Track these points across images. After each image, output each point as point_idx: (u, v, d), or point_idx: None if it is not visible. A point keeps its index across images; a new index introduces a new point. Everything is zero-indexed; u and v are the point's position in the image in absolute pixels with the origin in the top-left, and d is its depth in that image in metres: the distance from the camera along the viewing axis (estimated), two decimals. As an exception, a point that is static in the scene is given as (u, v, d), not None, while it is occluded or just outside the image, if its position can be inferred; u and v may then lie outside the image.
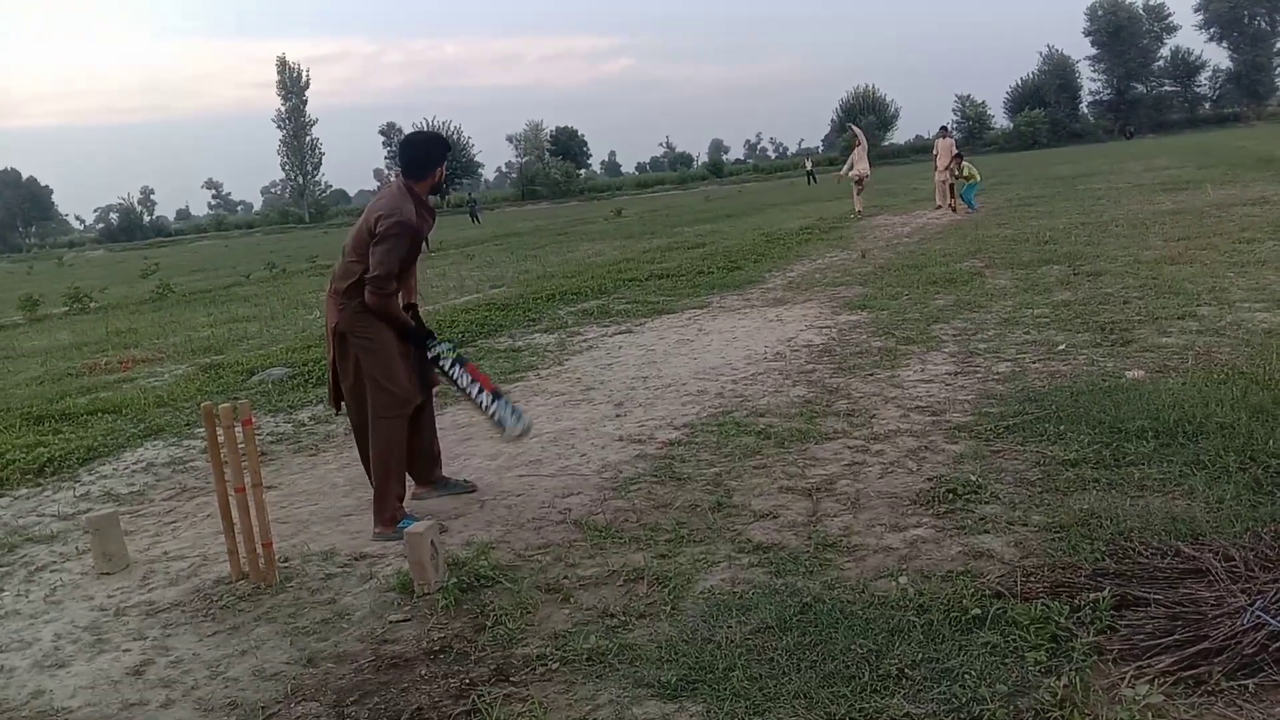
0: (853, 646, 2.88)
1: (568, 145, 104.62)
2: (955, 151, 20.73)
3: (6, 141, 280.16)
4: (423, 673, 3.10)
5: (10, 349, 13.45)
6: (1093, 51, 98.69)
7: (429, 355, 4.68)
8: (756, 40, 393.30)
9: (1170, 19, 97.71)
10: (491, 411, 4.70)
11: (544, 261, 18.98)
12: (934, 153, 21.78)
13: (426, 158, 4.61)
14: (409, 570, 3.73)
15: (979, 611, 2.98)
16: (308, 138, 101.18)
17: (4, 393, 9.36)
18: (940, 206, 20.98)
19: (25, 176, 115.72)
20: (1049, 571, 3.25)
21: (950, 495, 4.05)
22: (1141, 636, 2.75)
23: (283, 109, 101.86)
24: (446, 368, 4.71)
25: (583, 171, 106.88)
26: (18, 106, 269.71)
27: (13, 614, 4.00)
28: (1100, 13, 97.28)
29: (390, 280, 4.37)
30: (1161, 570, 3.10)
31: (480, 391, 4.72)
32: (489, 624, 3.37)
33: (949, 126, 23.78)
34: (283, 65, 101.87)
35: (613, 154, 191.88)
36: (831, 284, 11.28)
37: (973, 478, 4.22)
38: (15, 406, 8.19)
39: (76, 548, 4.70)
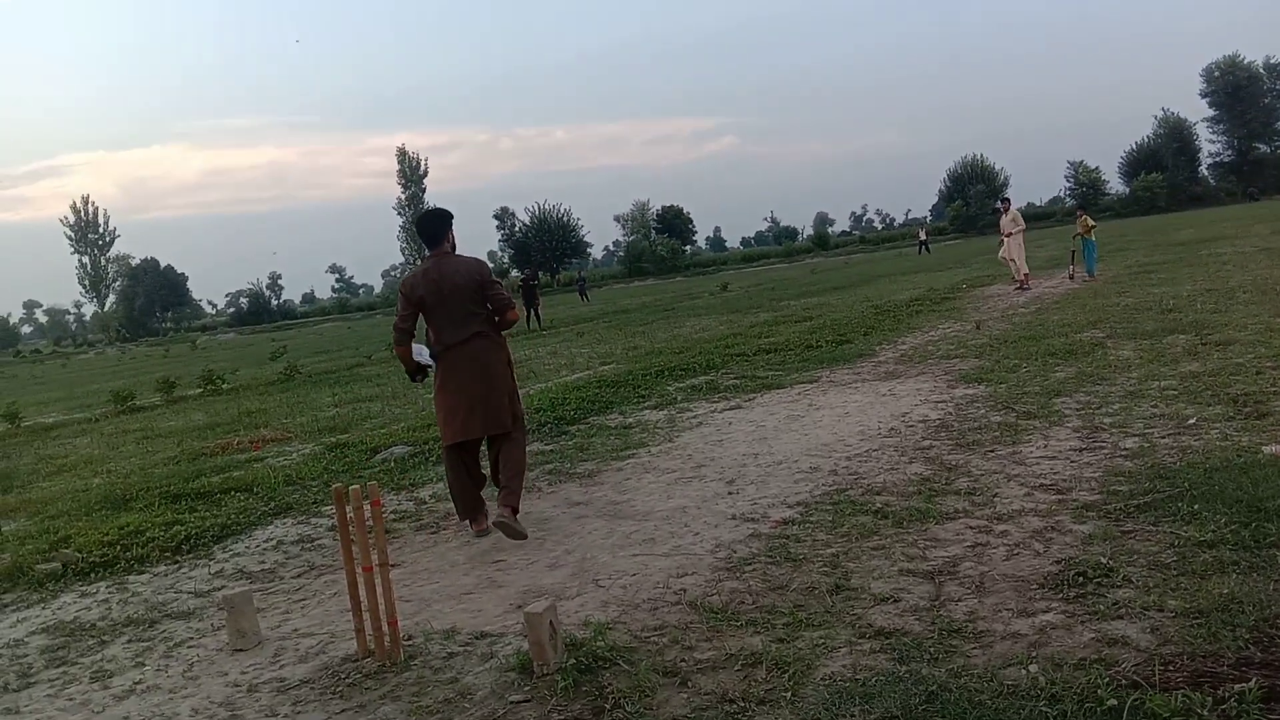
0: (982, 738, 2.79)
1: (673, 223, 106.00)
2: (1080, 212, 20.03)
3: (146, 232, 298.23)
4: (544, 755, 3.12)
5: (150, 429, 14.18)
6: (1211, 113, 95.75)
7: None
8: (858, 113, 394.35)
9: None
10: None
11: (652, 337, 19.17)
12: (1003, 230, 20.39)
13: (442, 227, 5.94)
14: (528, 650, 3.78)
15: (1115, 702, 2.87)
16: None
17: (144, 472, 9.87)
18: (1023, 285, 19.60)
19: (163, 265, 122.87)
20: (1189, 660, 3.10)
21: (1080, 578, 3.92)
22: (1296, 733, 2.60)
23: (403, 196, 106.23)
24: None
25: (688, 248, 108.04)
26: (156, 199, 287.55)
27: (154, 689, 4.18)
28: (1218, 73, 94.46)
29: (396, 330, 5.92)
30: (1314, 661, 2.94)
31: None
32: (608, 707, 3.38)
33: (1009, 199, 22.16)
34: (403, 155, 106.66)
35: (718, 230, 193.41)
36: (945, 356, 11.10)
37: (1103, 560, 4.07)
38: (154, 485, 8.63)
39: (212, 624, 4.91)
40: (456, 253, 5.93)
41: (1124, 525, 4.53)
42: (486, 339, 5.82)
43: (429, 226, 5.94)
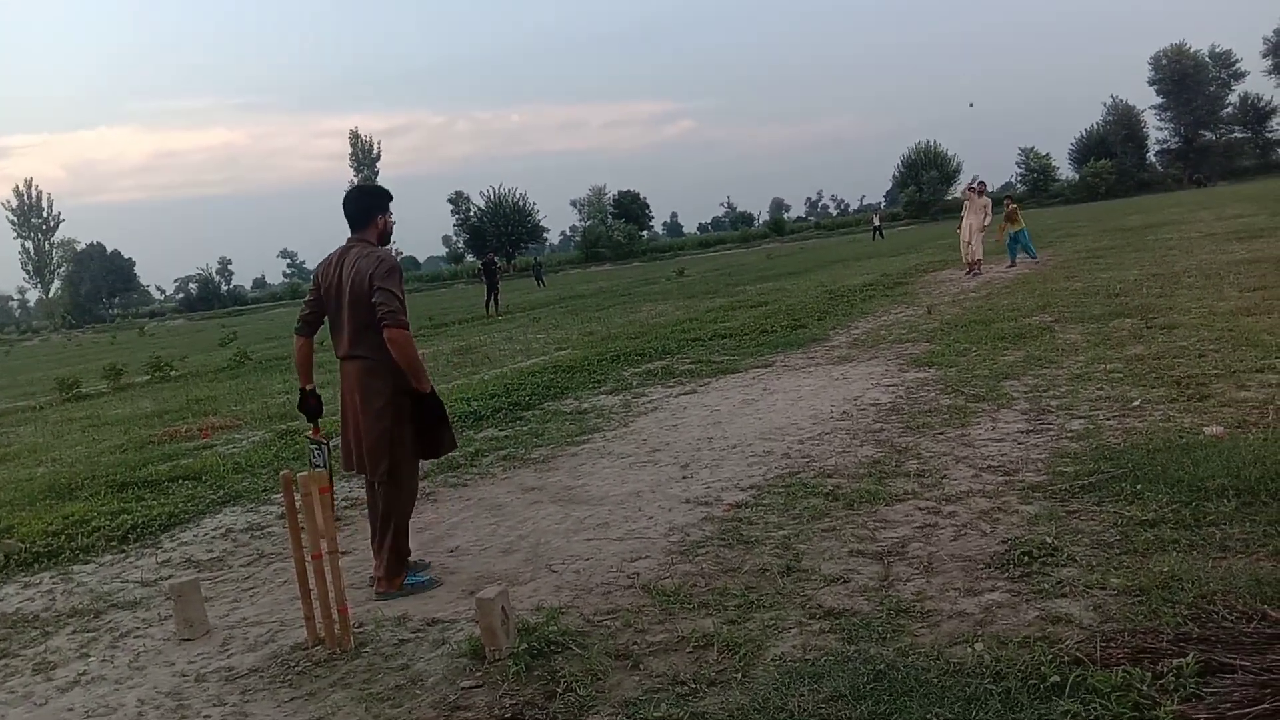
0: (929, 715, 2.84)
1: (630, 208, 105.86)
2: (1010, 204, 20.29)
3: (93, 216, 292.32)
4: (495, 740, 3.11)
5: (96, 417, 13.91)
6: (1158, 100, 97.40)
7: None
8: (814, 100, 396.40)
9: (1238, 65, 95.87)
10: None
11: (608, 323, 19.16)
12: (964, 212, 20.19)
13: (364, 209, 4.82)
14: (480, 636, 3.77)
15: (1058, 679, 2.92)
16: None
17: (90, 460, 9.69)
18: (973, 269, 19.59)
19: (110, 250, 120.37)
20: (1129, 637, 3.17)
21: (1026, 558, 3.98)
22: (1228, 705, 2.67)
23: (355, 180, 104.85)
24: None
25: (645, 233, 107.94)
26: (104, 182, 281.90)
27: (99, 679, 4.11)
28: (1165, 61, 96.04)
29: (402, 313, 4.59)
30: (1248, 635, 3.01)
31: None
32: (560, 691, 3.38)
33: (979, 182, 22.31)
34: (355, 138, 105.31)
35: (674, 215, 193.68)
36: (897, 340, 11.21)
37: (1048, 540, 4.14)
38: (100, 474, 8.47)
39: (159, 614, 4.83)
40: (383, 245, 4.81)
41: (1069, 505, 4.62)
42: (366, 362, 4.60)
43: (349, 205, 4.81)
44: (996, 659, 3.14)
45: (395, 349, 4.46)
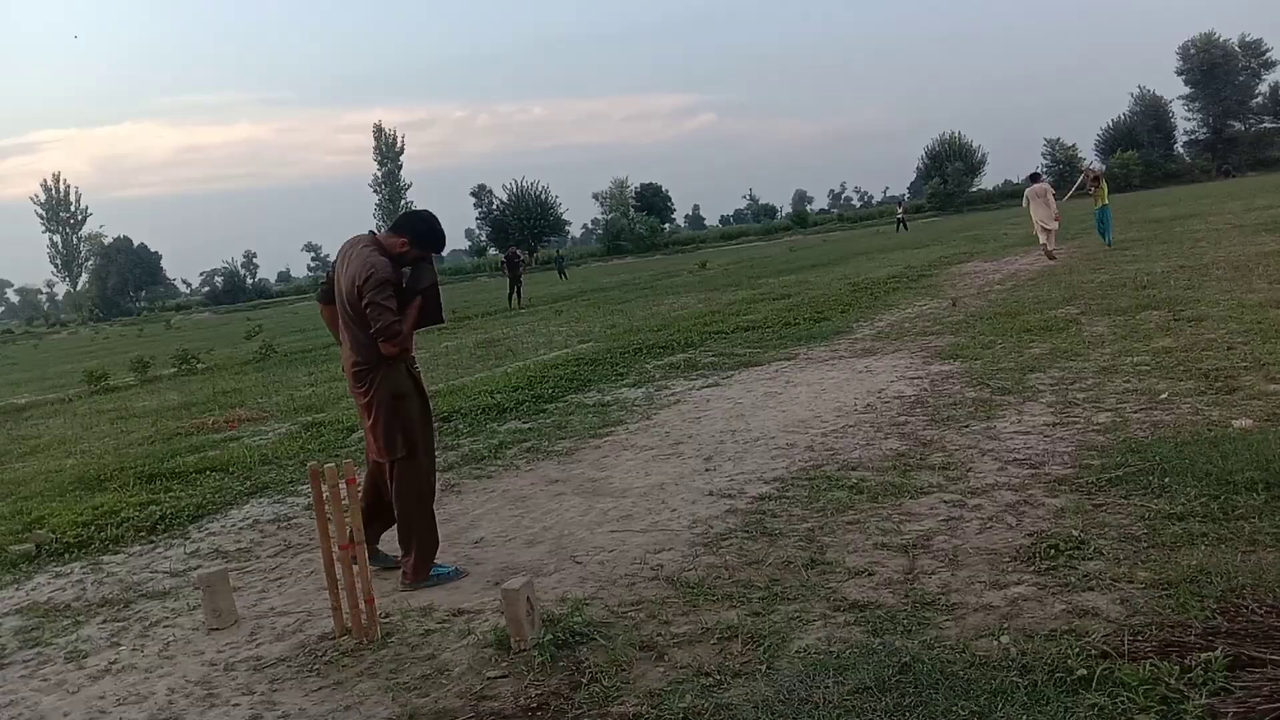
0: (954, 708, 2.83)
1: (652, 201, 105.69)
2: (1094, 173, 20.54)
3: (120, 210, 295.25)
4: (521, 730, 3.13)
5: (124, 409, 14.05)
6: (1186, 90, 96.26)
7: None
8: (837, 92, 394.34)
9: (1268, 54, 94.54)
10: None
11: (630, 315, 19.16)
12: (1026, 203, 20.80)
13: (419, 236, 4.82)
14: (505, 626, 3.79)
15: (1085, 672, 2.91)
16: (403, 200, 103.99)
17: (118, 452, 9.79)
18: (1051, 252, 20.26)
19: (137, 243, 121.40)
20: (1157, 630, 3.15)
21: (1052, 551, 3.96)
22: (1258, 699, 2.65)
23: (379, 174, 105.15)
24: None
25: (667, 226, 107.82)
26: (129, 177, 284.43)
27: (129, 668, 4.17)
28: (1193, 51, 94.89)
29: (396, 324, 4.59)
30: (1278, 629, 2.98)
31: None
32: (585, 681, 3.39)
33: (1039, 172, 23.29)
34: (379, 132, 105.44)
35: (696, 208, 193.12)
36: (922, 333, 11.16)
37: (1075, 533, 4.12)
38: (129, 466, 8.56)
39: (188, 604, 4.89)
40: (380, 243, 4.73)
41: (1095, 499, 4.59)
42: (357, 363, 4.68)
43: (416, 222, 4.85)
44: (1022, 652, 3.12)
45: (388, 356, 4.61)
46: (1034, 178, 21.94)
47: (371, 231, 4.87)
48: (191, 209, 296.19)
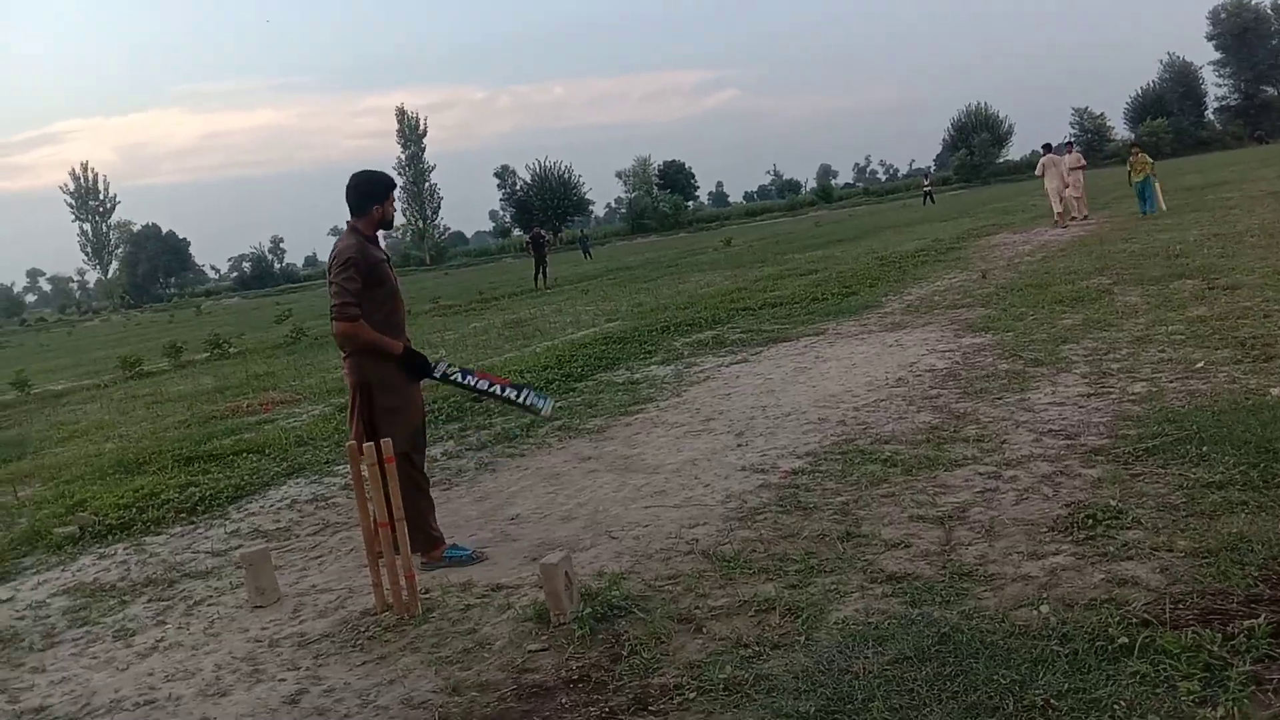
0: (995, 677, 2.84)
1: (675, 178, 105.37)
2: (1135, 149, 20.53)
3: (147, 198, 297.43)
4: (564, 701, 3.17)
5: (159, 394, 14.24)
6: (1217, 56, 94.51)
7: (436, 374, 4.79)
8: (860, 66, 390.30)
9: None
10: (523, 399, 4.95)
11: (656, 294, 19.15)
12: (1042, 171, 21.60)
13: (363, 196, 4.75)
14: (545, 600, 3.83)
15: (1126, 640, 2.90)
16: (427, 183, 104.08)
17: (155, 435, 9.94)
18: (1083, 216, 21.11)
19: (165, 231, 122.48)
20: (1199, 598, 3.14)
21: (1090, 521, 3.95)
22: (1305, 666, 2.64)
23: (402, 156, 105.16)
24: (461, 380, 4.89)
25: (690, 203, 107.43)
26: (154, 164, 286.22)
27: (176, 645, 4.25)
28: (1224, 15, 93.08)
29: (347, 305, 4.48)
30: (1323, 597, 2.97)
31: (505, 388, 4.98)
32: (625, 653, 3.43)
33: (1070, 140, 23.82)
34: (402, 115, 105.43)
35: (720, 185, 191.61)
36: (952, 306, 11.08)
37: (1112, 503, 4.10)
38: (166, 449, 8.69)
39: (230, 582, 4.97)
40: (385, 228, 4.91)
41: (1132, 468, 4.56)
42: (343, 357, 4.73)
43: (348, 193, 4.77)
44: (1063, 621, 3.12)
45: (341, 340, 4.61)
46: (1046, 148, 22.11)
47: (347, 224, 4.82)
48: (216, 195, 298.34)
